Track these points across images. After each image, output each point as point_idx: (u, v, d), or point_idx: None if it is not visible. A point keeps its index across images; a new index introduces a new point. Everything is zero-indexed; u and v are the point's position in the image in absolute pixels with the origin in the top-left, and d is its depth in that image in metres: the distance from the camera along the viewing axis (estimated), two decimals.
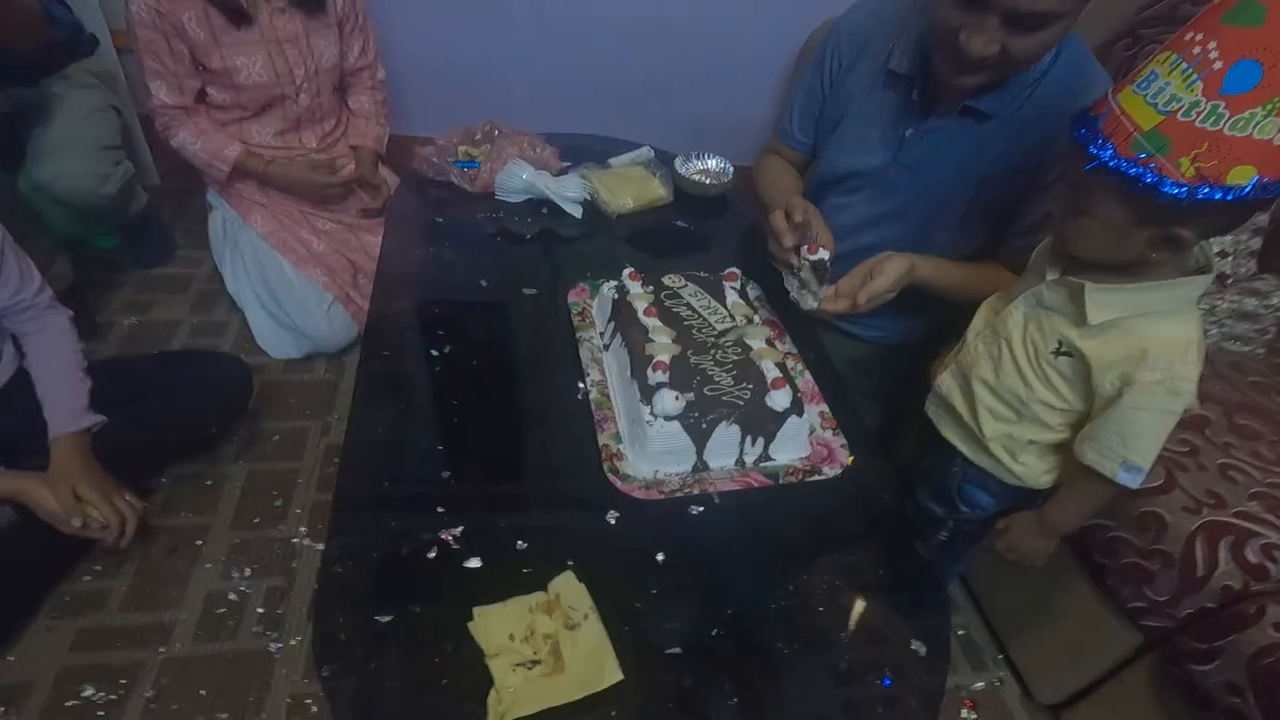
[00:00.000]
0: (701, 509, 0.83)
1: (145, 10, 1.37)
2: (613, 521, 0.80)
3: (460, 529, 0.76)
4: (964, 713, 1.20)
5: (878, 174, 1.07)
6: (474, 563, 0.73)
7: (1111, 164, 0.65)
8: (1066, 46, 0.90)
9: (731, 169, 1.46)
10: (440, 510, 0.78)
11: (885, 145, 1.05)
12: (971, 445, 0.90)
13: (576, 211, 1.31)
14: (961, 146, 0.98)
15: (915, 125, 1.01)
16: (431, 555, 0.74)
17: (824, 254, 0.91)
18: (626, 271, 1.05)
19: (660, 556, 0.77)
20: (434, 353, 0.97)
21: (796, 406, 0.87)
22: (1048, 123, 0.91)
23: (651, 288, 1.03)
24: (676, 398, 0.84)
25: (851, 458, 0.89)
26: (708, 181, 1.44)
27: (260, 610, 1.17)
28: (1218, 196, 0.63)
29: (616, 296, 1.02)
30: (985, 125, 0.95)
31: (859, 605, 0.77)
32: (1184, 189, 0.63)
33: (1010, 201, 1.00)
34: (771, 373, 0.90)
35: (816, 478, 0.87)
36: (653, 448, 0.85)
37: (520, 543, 0.76)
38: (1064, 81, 0.90)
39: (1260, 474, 1.00)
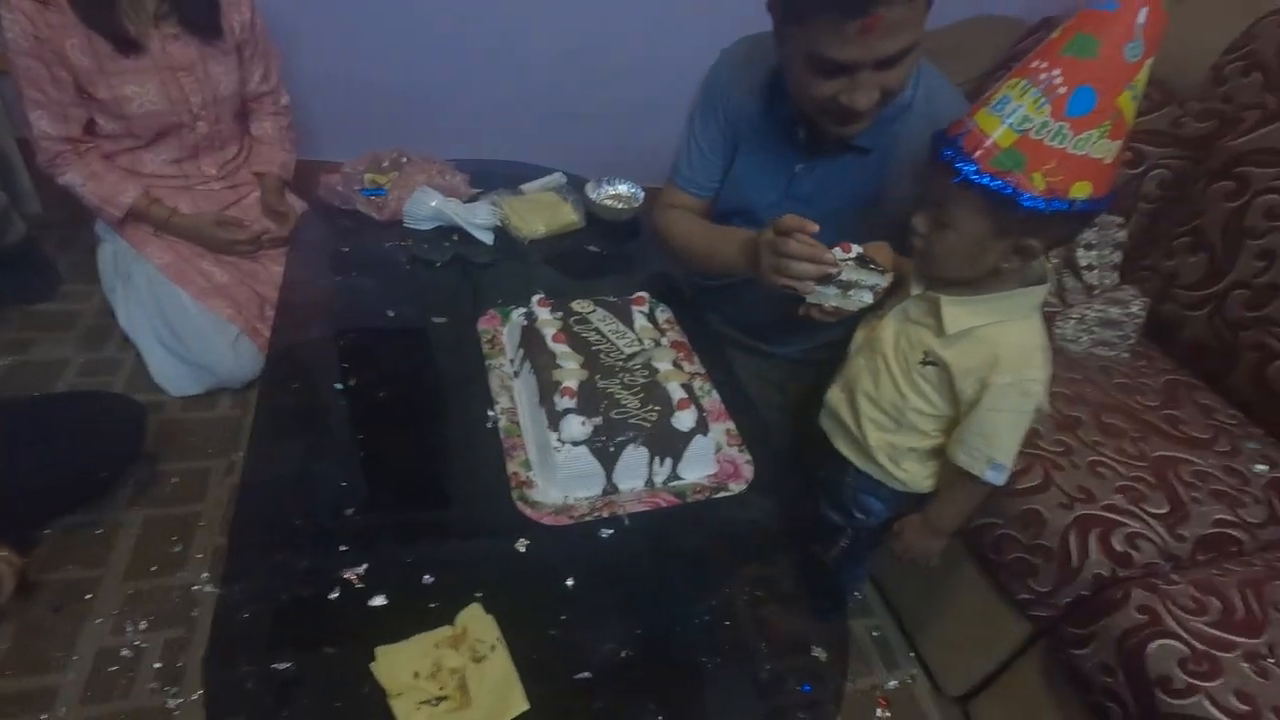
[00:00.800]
0: (611, 531, 0.84)
1: (22, 36, 1.29)
2: (522, 549, 0.80)
3: (364, 567, 0.75)
4: (879, 711, 1.25)
5: (774, 208, 1.11)
6: (379, 600, 0.72)
7: (975, 178, 0.71)
8: (923, 79, 0.97)
9: (642, 193, 1.49)
10: (343, 548, 0.76)
11: (776, 182, 1.09)
12: (860, 455, 0.95)
13: (487, 238, 1.32)
14: (848, 178, 1.04)
15: (803, 161, 1.06)
16: (333, 596, 0.72)
17: (856, 247, 0.87)
18: (536, 298, 1.06)
19: (570, 582, 0.78)
20: (338, 385, 0.96)
21: (701, 426, 0.90)
22: (919, 146, 0.97)
23: (561, 314, 1.05)
24: (583, 423, 0.85)
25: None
26: (620, 206, 1.47)
27: (157, 665, 1.10)
28: (1066, 208, 0.70)
29: (525, 323, 1.03)
30: (866, 158, 1.01)
31: (762, 616, 0.80)
32: (1040, 201, 0.69)
33: (902, 216, 1.06)
34: (677, 394, 0.92)
35: (723, 494, 0.90)
36: (561, 473, 0.86)
37: (427, 577, 0.75)
38: (925, 109, 0.97)
39: (1125, 469, 1.09)
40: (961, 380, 0.81)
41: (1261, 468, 1.15)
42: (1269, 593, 0.94)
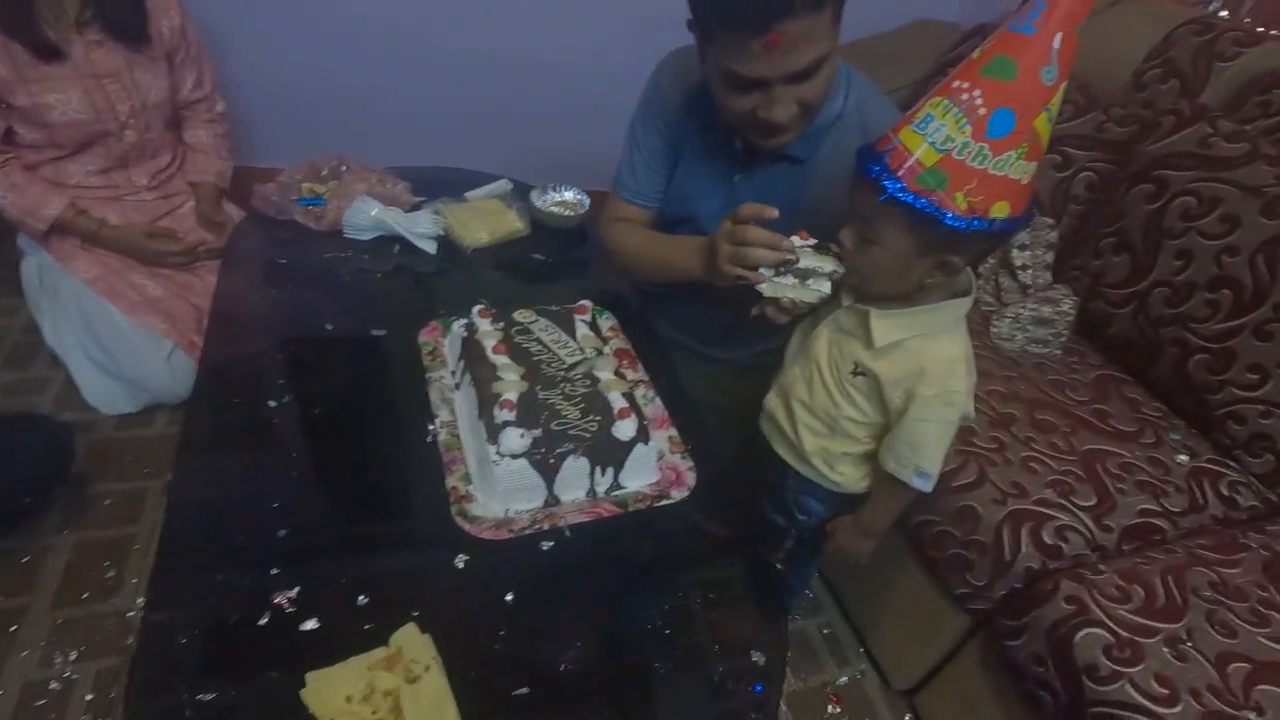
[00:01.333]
0: (552, 544, 0.84)
1: None
2: (461, 565, 0.79)
3: (296, 590, 0.73)
4: (830, 708, 1.27)
5: (717, 217, 1.12)
6: (310, 624, 0.71)
7: (901, 196, 0.72)
8: (853, 89, 1.00)
9: (588, 199, 1.49)
10: (275, 571, 0.75)
11: (717, 191, 1.10)
12: (797, 459, 0.97)
13: (429, 248, 1.30)
14: (785, 189, 1.06)
15: (742, 171, 1.07)
16: (263, 621, 0.70)
17: (813, 238, 0.86)
18: (476, 309, 1.06)
19: (510, 596, 0.77)
20: (271, 402, 0.93)
21: (642, 434, 0.90)
22: (848, 157, 0.99)
23: (502, 324, 1.04)
24: (522, 435, 0.85)
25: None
26: (567, 213, 1.46)
27: (89, 697, 1.06)
28: (985, 227, 0.72)
29: (466, 335, 1.02)
30: (800, 168, 1.03)
31: (705, 622, 0.81)
32: (962, 220, 0.71)
33: (836, 225, 1.08)
34: (618, 403, 0.92)
35: (665, 502, 0.91)
36: (501, 486, 0.85)
37: (361, 598, 0.74)
38: (856, 119, 1.00)
39: (1056, 463, 1.13)
40: (890, 391, 0.84)
41: (1183, 458, 1.21)
42: (1189, 579, 0.99)
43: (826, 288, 0.86)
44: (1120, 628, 0.91)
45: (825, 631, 1.40)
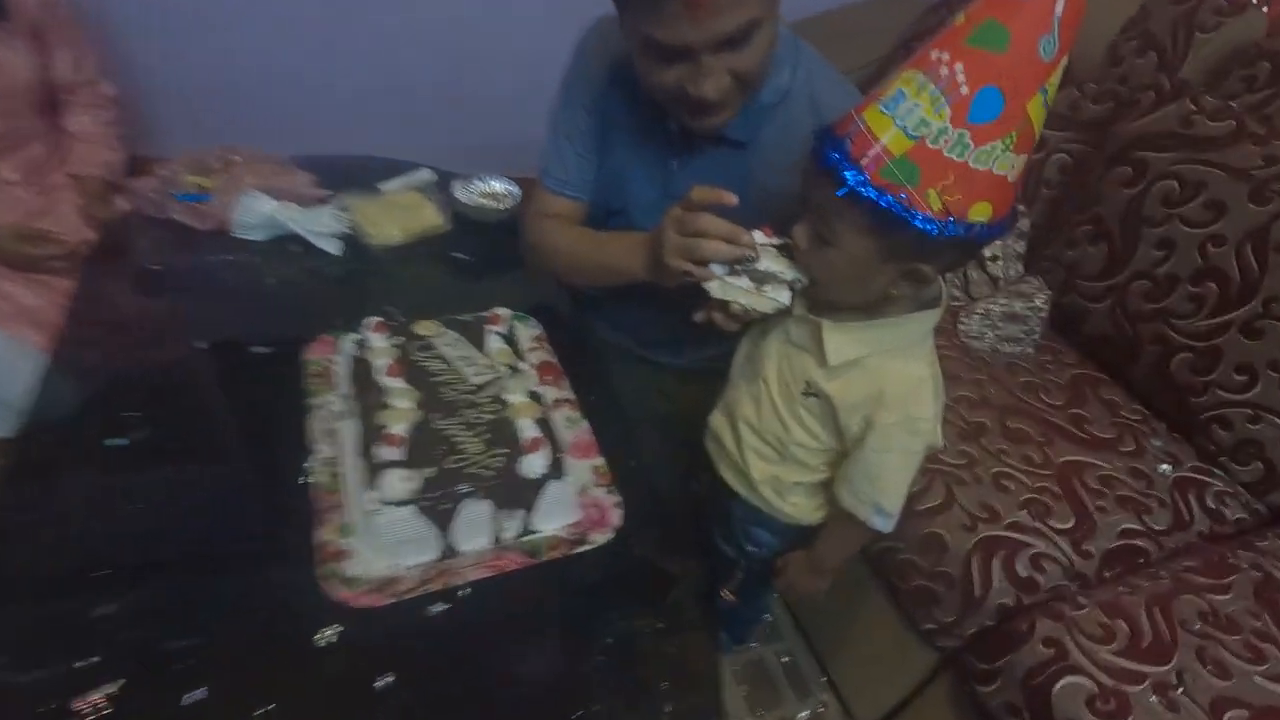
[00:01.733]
0: (446, 606, 0.70)
1: None
2: (325, 644, 0.65)
3: (114, 686, 0.59)
4: None
5: (653, 208, 0.99)
6: None
7: (863, 191, 0.59)
8: (801, 62, 0.87)
9: (519, 190, 1.35)
10: (86, 662, 0.60)
11: (653, 179, 0.98)
12: (745, 487, 0.85)
13: (332, 248, 1.15)
14: (727, 174, 0.92)
15: (679, 157, 0.94)
16: None
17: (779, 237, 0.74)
18: (371, 321, 0.91)
19: (384, 681, 0.64)
20: (112, 441, 0.78)
21: (555, 469, 0.77)
22: (803, 134, 0.87)
23: (400, 339, 0.90)
24: (406, 477, 0.71)
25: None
26: (496, 205, 1.32)
27: None
28: (961, 234, 0.59)
29: (357, 353, 0.88)
30: (742, 152, 0.90)
31: (623, 691, 0.68)
32: (935, 224, 0.58)
33: (787, 219, 0.96)
34: (527, 433, 0.79)
35: (584, 548, 0.78)
36: (384, 539, 0.72)
37: (191, 695, 0.60)
38: (806, 96, 0.87)
39: (1030, 480, 1.03)
40: (846, 416, 0.72)
41: (1165, 468, 1.11)
42: (1176, 609, 0.89)
43: (785, 297, 0.71)
44: (1104, 674, 0.81)
45: (784, 660, 1.28)
